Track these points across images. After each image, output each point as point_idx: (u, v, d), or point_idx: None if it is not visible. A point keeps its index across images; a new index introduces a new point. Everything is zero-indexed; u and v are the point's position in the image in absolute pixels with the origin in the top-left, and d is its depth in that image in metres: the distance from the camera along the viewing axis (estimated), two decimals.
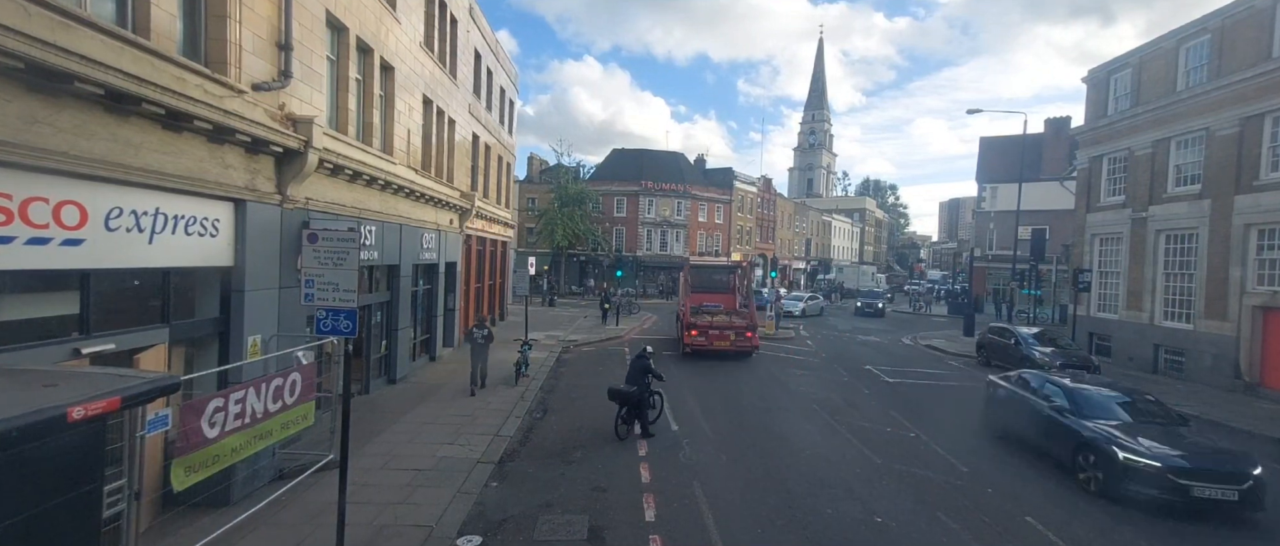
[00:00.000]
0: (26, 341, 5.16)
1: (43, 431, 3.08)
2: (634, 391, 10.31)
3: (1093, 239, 21.86)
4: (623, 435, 10.31)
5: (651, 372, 10.68)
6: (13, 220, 4.79)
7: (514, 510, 7.40)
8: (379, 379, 12.85)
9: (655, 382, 10.81)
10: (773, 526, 7.20)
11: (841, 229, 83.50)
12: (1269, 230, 15.48)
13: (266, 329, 7.96)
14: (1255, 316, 15.66)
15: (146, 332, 6.34)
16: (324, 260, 6.57)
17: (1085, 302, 21.69)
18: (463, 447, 9.45)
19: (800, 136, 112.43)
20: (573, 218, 45.47)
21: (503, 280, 25.67)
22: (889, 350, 23.01)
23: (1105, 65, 21.90)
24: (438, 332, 16.28)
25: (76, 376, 3.95)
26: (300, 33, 8.51)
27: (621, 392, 10.34)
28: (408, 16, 13.00)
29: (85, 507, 3.51)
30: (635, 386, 10.38)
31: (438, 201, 14.70)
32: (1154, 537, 7.21)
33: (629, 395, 10.28)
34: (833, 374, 17.28)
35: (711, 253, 53.51)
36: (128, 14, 5.93)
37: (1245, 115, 15.91)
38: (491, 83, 21.92)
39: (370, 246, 11.29)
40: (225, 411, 6.03)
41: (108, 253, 5.67)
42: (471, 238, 19.83)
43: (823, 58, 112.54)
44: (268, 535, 6.44)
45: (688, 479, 8.59)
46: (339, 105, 10.23)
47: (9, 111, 4.61)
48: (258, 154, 7.56)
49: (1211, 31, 17.42)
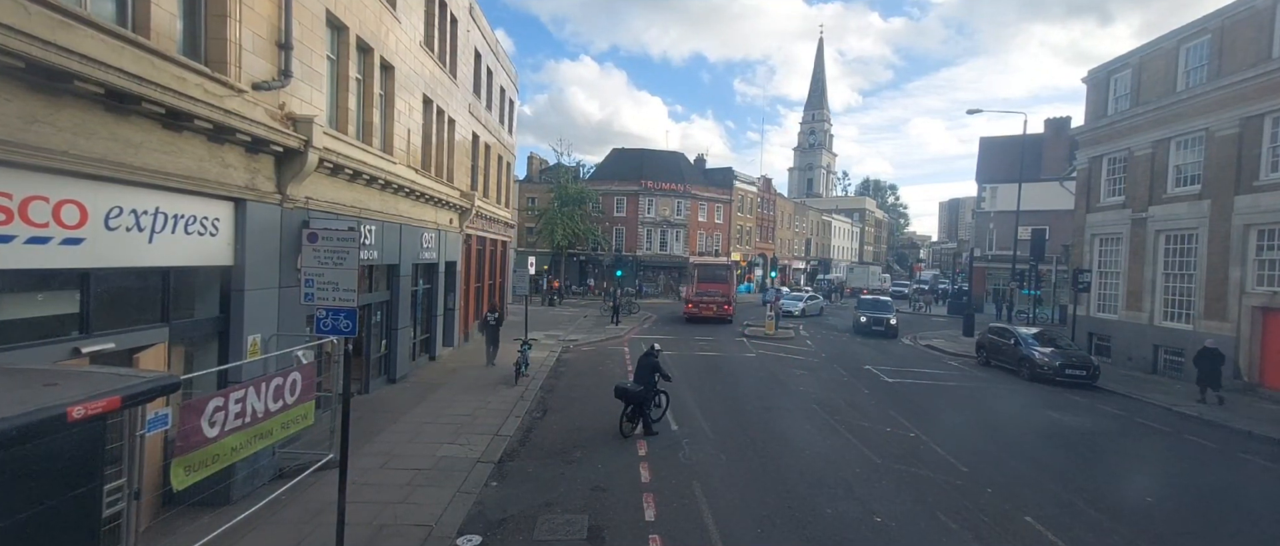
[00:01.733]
0: (26, 341, 5.16)
1: (43, 431, 3.08)
2: (640, 390, 10.44)
3: (1092, 239, 21.87)
4: (627, 432, 10.40)
5: (659, 371, 10.75)
6: (13, 219, 4.79)
7: (514, 509, 7.40)
8: (379, 378, 12.85)
9: (662, 382, 10.88)
10: (772, 526, 7.20)
11: (841, 229, 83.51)
12: (1269, 230, 15.49)
13: (266, 328, 7.96)
14: (1255, 317, 15.67)
15: (146, 332, 6.34)
16: (324, 259, 6.57)
17: (1085, 303, 21.71)
18: (462, 447, 9.45)
19: (800, 136, 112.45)
20: (573, 217, 45.44)
21: (502, 280, 25.67)
22: (888, 350, 23.01)
23: (1105, 65, 21.90)
24: (437, 332, 16.28)
25: (76, 375, 3.95)
26: (300, 32, 8.51)
27: (628, 391, 10.46)
28: (408, 16, 13.00)
29: (85, 507, 3.51)
30: (642, 385, 10.49)
31: (438, 201, 14.69)
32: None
33: (635, 393, 10.41)
34: (832, 374, 17.28)
35: (711, 253, 53.69)
36: (128, 13, 5.93)
37: (1245, 115, 15.91)
38: (491, 82, 21.91)
39: (370, 246, 11.28)
40: (225, 411, 6.03)
41: (108, 252, 5.67)
42: (471, 237, 19.83)
43: (823, 57, 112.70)
44: (267, 534, 6.44)
45: (687, 478, 8.59)
46: (339, 105, 10.22)
47: (9, 111, 4.61)
48: (258, 153, 7.56)
49: (1211, 32, 17.42)
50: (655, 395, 10.82)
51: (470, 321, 20.48)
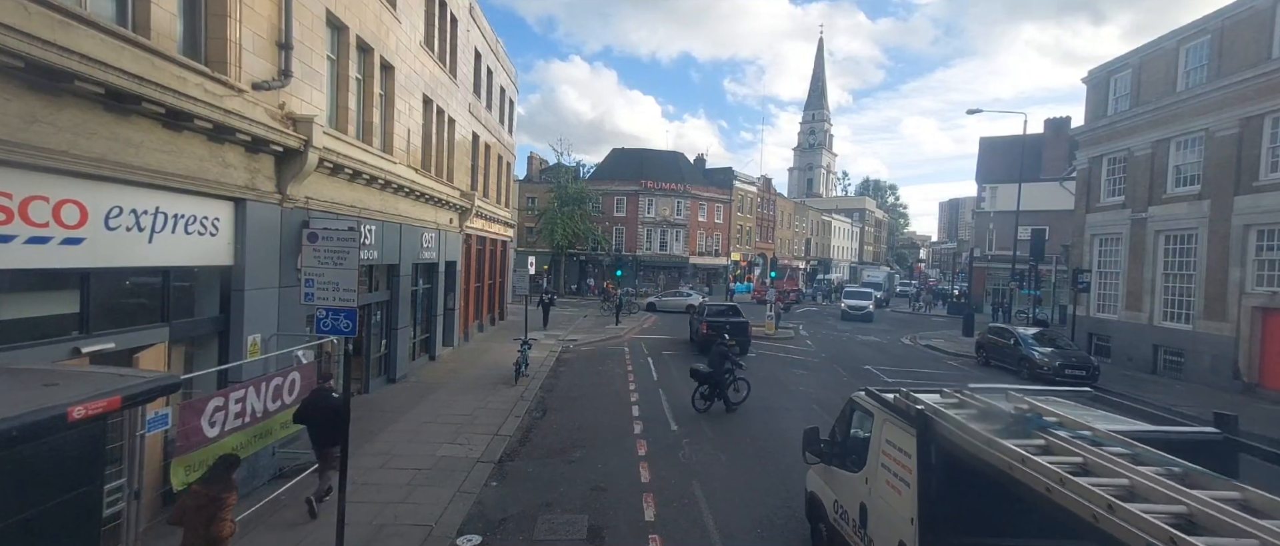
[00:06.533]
0: (26, 341, 5.15)
1: (43, 431, 3.08)
2: (710, 372, 12.27)
3: (1092, 239, 21.87)
4: (700, 408, 12.17)
5: (730, 360, 12.48)
6: (13, 219, 4.79)
7: (514, 509, 7.40)
8: (379, 378, 12.85)
9: (738, 370, 12.73)
10: (772, 526, 7.20)
11: (841, 229, 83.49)
12: (1268, 231, 15.49)
13: (266, 328, 7.96)
14: (1254, 317, 15.67)
15: (146, 332, 6.33)
16: (324, 259, 6.57)
17: (1085, 303, 21.71)
18: (462, 447, 9.46)
19: (800, 136, 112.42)
20: (572, 217, 45.43)
21: (502, 279, 25.67)
22: (888, 350, 23.01)
23: (1105, 65, 21.90)
24: (437, 332, 16.27)
25: (77, 375, 3.95)
26: (300, 32, 8.51)
27: (702, 372, 12.38)
28: (408, 16, 12.99)
29: (85, 507, 3.51)
30: (713, 369, 12.28)
31: (437, 201, 14.69)
32: None
33: (708, 375, 12.29)
34: (832, 374, 17.28)
35: (711, 252, 53.71)
36: (128, 13, 5.92)
37: (1245, 116, 15.91)
38: (491, 82, 21.91)
39: (370, 245, 11.28)
40: (225, 410, 6.04)
41: (108, 252, 5.66)
42: (471, 237, 19.82)
43: (823, 57, 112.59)
44: (267, 534, 6.44)
45: (687, 478, 8.59)
46: (339, 104, 10.22)
47: (9, 110, 4.61)
48: (258, 153, 7.56)
49: (1211, 32, 17.42)
50: (736, 381, 12.60)
51: (470, 321, 20.47)
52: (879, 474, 5.05)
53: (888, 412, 5.06)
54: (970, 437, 3.83)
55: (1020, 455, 3.38)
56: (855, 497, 5.41)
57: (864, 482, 5.30)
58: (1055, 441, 3.63)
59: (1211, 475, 3.11)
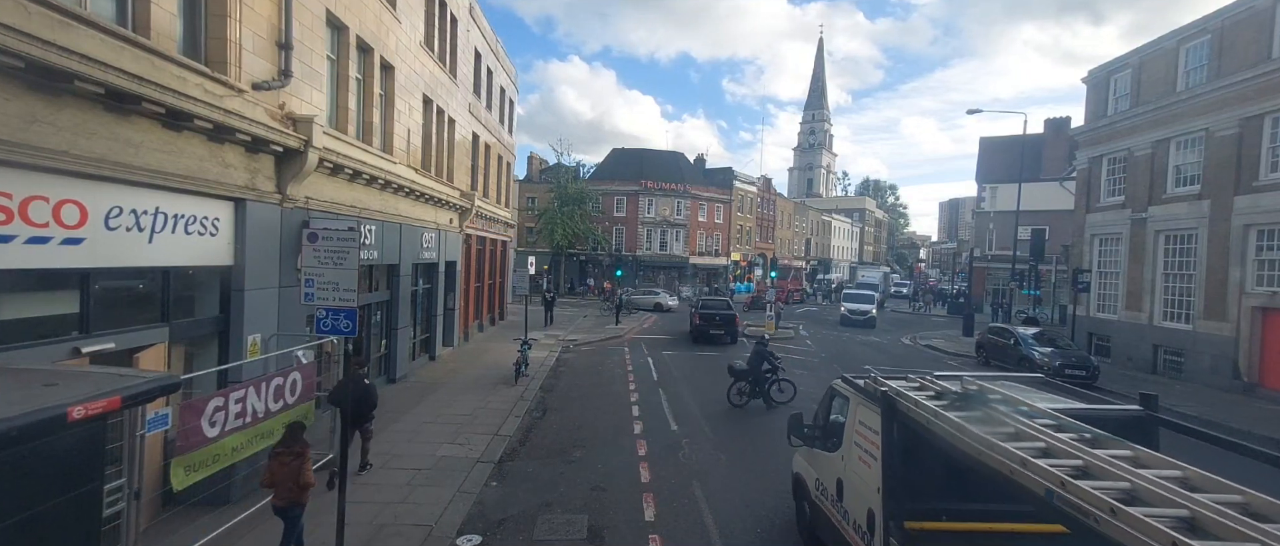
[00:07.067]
0: (26, 341, 5.15)
1: (43, 431, 3.08)
2: (747, 369, 12.77)
3: (1092, 239, 21.86)
4: (737, 403, 12.64)
5: (767, 358, 12.92)
6: (13, 219, 4.79)
7: (514, 509, 7.40)
8: (379, 378, 12.84)
9: (780, 371, 13.20)
10: (772, 526, 7.20)
11: (841, 229, 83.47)
12: (1268, 231, 15.49)
13: (266, 328, 7.95)
14: (1254, 317, 15.67)
15: (146, 332, 6.33)
16: (324, 259, 6.58)
17: (1084, 303, 21.71)
18: (462, 447, 9.46)
19: (799, 136, 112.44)
20: (572, 217, 45.42)
21: (502, 279, 25.67)
22: (888, 350, 23.01)
23: (1105, 65, 21.90)
24: (437, 332, 16.28)
25: (76, 375, 3.94)
26: (300, 32, 8.50)
27: (739, 369, 12.85)
28: (408, 16, 12.99)
29: (85, 507, 3.50)
30: (751, 367, 12.77)
31: (437, 201, 14.69)
32: None
33: (745, 372, 12.78)
34: (832, 374, 17.25)
35: (711, 252, 53.71)
36: (128, 13, 5.92)
37: (1245, 116, 15.91)
38: (491, 82, 21.91)
39: (370, 246, 11.28)
40: (225, 411, 6.03)
41: (107, 252, 5.66)
42: (471, 237, 19.82)
43: (823, 57, 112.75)
44: (267, 534, 6.43)
45: (687, 478, 8.59)
46: (339, 104, 10.22)
47: (9, 110, 4.61)
48: (258, 153, 7.56)
49: (1211, 32, 17.42)
50: (779, 381, 13.09)
51: (470, 321, 20.48)
52: (853, 451, 5.59)
53: (860, 395, 5.71)
54: (923, 414, 4.28)
55: (968, 430, 3.73)
56: (833, 474, 5.97)
57: (841, 460, 5.86)
58: (993, 413, 4.06)
59: (1132, 445, 3.46)
